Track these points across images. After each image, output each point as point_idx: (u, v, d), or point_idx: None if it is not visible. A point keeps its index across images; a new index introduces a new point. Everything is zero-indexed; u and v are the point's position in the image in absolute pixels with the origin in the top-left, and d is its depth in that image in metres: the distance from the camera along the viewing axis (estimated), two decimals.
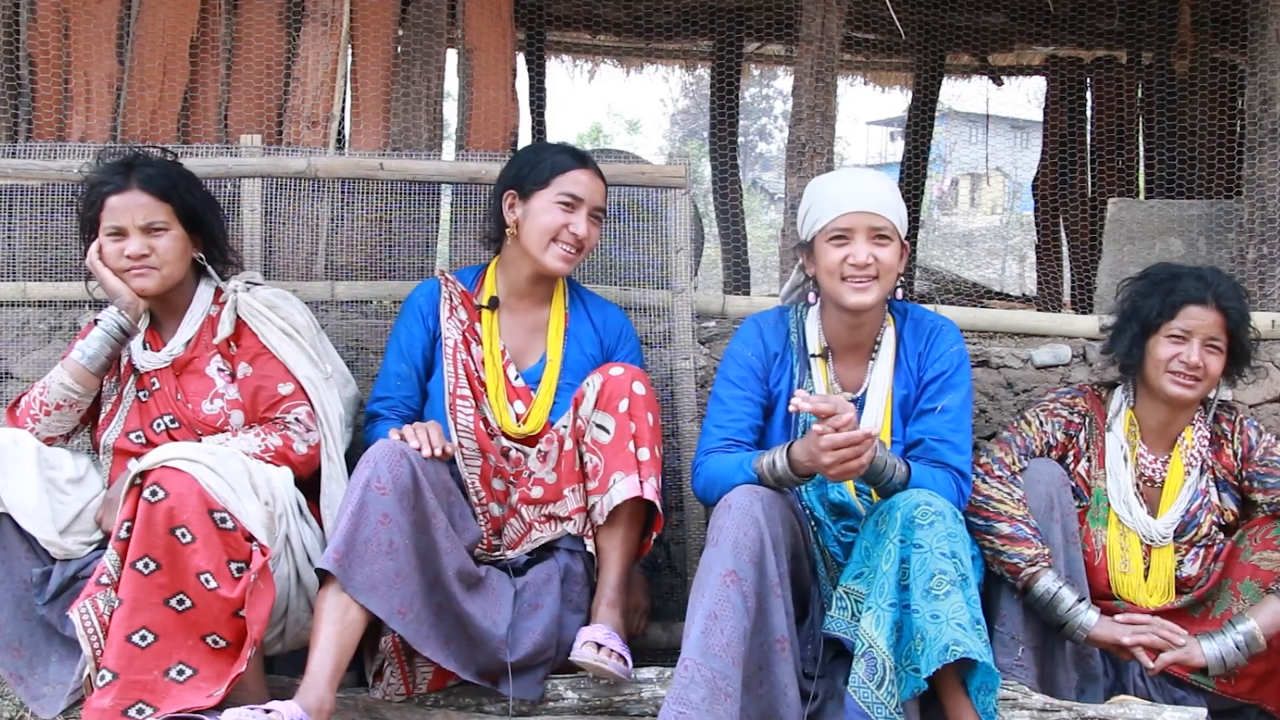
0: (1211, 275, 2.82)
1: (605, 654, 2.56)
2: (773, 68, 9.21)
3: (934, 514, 2.43)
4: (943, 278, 8.37)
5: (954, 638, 2.32)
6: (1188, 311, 2.76)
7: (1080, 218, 6.19)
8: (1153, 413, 2.86)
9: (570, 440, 2.75)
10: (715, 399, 2.78)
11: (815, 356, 2.76)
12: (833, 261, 2.64)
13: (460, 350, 2.89)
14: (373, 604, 2.43)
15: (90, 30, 3.58)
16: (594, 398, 2.69)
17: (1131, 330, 2.82)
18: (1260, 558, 2.76)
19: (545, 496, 2.77)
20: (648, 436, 2.67)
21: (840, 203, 2.64)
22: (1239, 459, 2.86)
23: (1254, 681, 2.73)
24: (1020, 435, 2.84)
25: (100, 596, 2.37)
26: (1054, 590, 2.62)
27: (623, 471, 2.63)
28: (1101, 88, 6.24)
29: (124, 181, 2.74)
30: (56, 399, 2.71)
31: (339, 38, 3.67)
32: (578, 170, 2.90)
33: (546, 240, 2.87)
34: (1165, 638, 2.64)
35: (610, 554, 2.71)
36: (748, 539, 2.40)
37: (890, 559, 2.42)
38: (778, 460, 2.52)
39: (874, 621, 2.40)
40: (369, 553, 2.44)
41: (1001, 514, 2.67)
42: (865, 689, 2.38)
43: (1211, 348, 2.77)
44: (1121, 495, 2.82)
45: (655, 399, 2.75)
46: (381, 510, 2.46)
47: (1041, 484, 2.72)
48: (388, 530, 2.46)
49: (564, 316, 3.01)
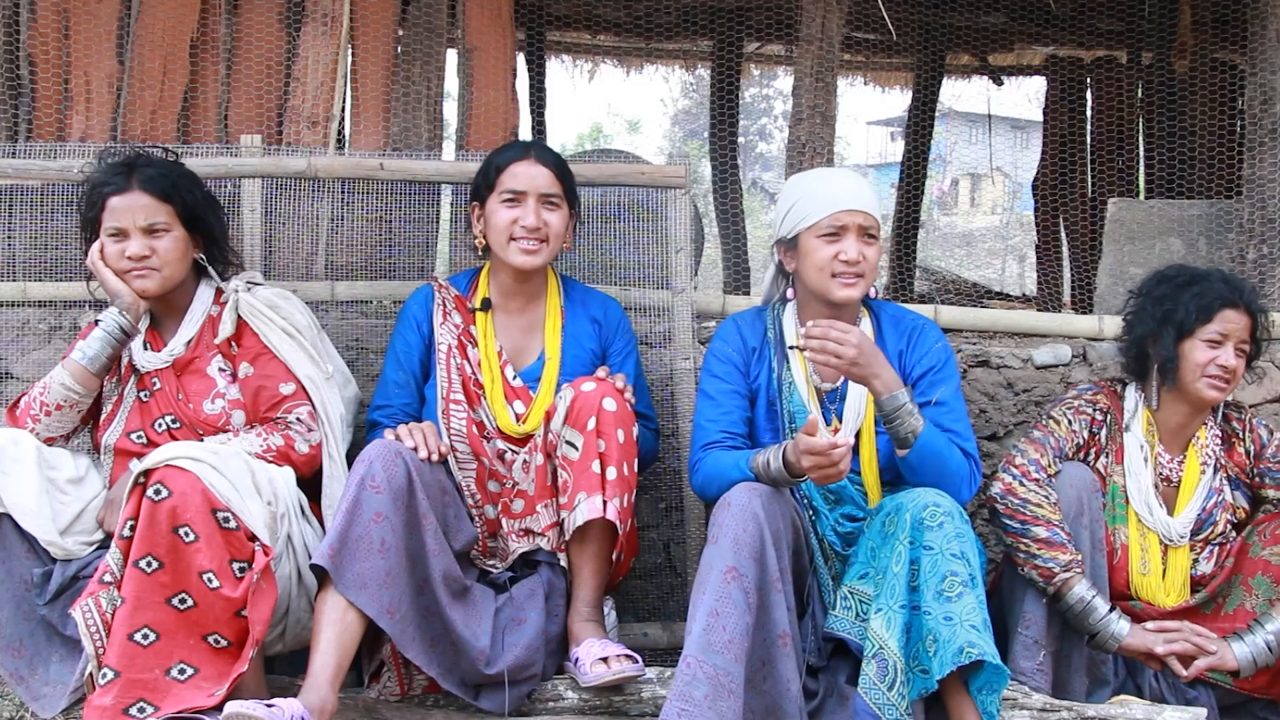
0: (1232, 277, 2.86)
1: (616, 663, 2.56)
2: (773, 68, 9.20)
3: (943, 514, 2.45)
4: (943, 278, 8.36)
5: (969, 639, 2.33)
6: (1224, 315, 2.77)
7: (1080, 218, 6.19)
8: (1173, 414, 2.87)
9: (541, 455, 2.74)
10: (703, 395, 2.80)
11: (793, 348, 2.78)
12: (824, 258, 2.67)
13: (454, 355, 2.90)
14: (361, 601, 2.43)
15: (90, 30, 3.58)
16: (564, 412, 2.67)
17: (1167, 335, 2.80)
18: (1271, 553, 2.78)
19: (523, 510, 2.77)
20: (616, 454, 2.64)
21: (834, 200, 2.68)
22: (1251, 456, 2.89)
23: (1270, 675, 2.73)
24: (1053, 436, 2.83)
25: (103, 595, 2.37)
26: (1088, 599, 2.63)
27: (586, 492, 2.61)
28: (1101, 88, 6.24)
29: (125, 182, 2.74)
30: (57, 399, 2.71)
31: (339, 38, 3.67)
32: (516, 163, 2.89)
33: (505, 240, 2.87)
34: (1197, 644, 2.66)
35: (582, 570, 2.72)
36: (748, 535, 2.41)
37: (900, 560, 2.43)
38: (772, 460, 2.53)
39: (885, 623, 2.41)
40: (361, 550, 2.44)
41: (1039, 518, 2.67)
42: (876, 690, 2.39)
43: (1241, 350, 2.80)
44: (1142, 496, 2.83)
45: (629, 413, 2.71)
46: (375, 508, 2.47)
47: (1073, 488, 2.73)
48: (380, 529, 2.46)
49: (560, 313, 3.01)
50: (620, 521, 2.63)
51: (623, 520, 2.64)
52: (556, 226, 2.90)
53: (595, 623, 2.71)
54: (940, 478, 2.57)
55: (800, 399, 2.76)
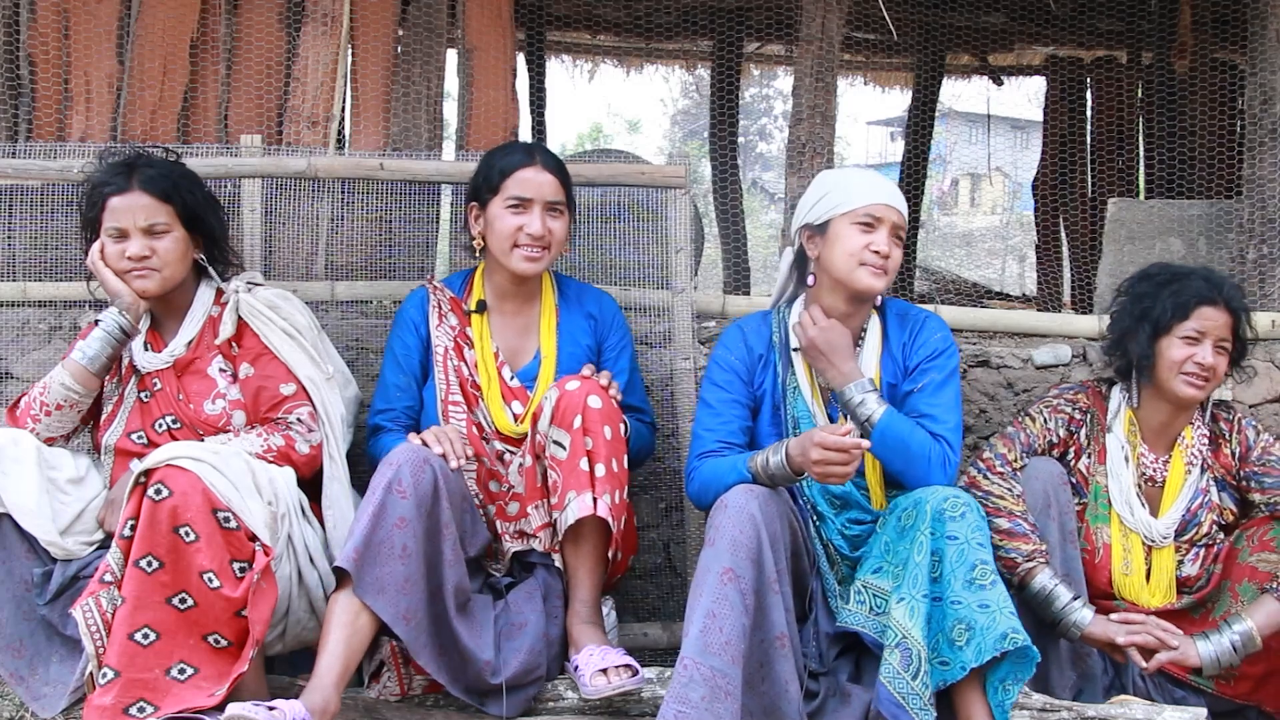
0: (1214, 275, 2.82)
1: (616, 674, 2.55)
2: (773, 68, 9.21)
3: (964, 505, 2.47)
4: (943, 278, 8.37)
5: (1011, 625, 2.35)
6: (1201, 312, 2.76)
7: (1080, 218, 6.19)
8: (1155, 413, 2.86)
9: (530, 456, 2.74)
10: (703, 404, 2.79)
11: (797, 351, 2.78)
12: (856, 245, 2.67)
13: (451, 357, 2.89)
14: (379, 606, 2.42)
15: (90, 30, 3.58)
16: (550, 412, 2.66)
17: (1143, 332, 2.80)
18: (1258, 559, 2.76)
19: (517, 513, 2.77)
20: (604, 451, 2.62)
21: (874, 192, 2.70)
22: (1237, 458, 2.86)
23: (1253, 683, 2.73)
24: (1024, 432, 2.84)
25: (103, 594, 2.37)
26: (1050, 587, 2.62)
27: (575, 490, 2.60)
28: (1101, 88, 6.24)
29: (126, 182, 2.74)
30: (57, 399, 2.72)
31: (339, 38, 3.67)
32: (523, 169, 2.87)
33: (508, 246, 2.86)
34: (1159, 638, 2.62)
35: (577, 570, 2.70)
36: (745, 537, 2.41)
37: (922, 550, 2.44)
38: (771, 456, 2.53)
39: (908, 612, 2.41)
40: (382, 554, 2.44)
41: (1001, 509, 2.67)
42: (900, 679, 2.39)
43: (1220, 348, 2.77)
44: (1124, 496, 2.82)
45: (615, 410, 2.69)
46: (399, 514, 2.46)
47: (1039, 481, 2.73)
48: (403, 534, 2.46)
49: (554, 312, 3.00)
50: (612, 518, 2.62)
51: (615, 516, 2.62)
52: (559, 234, 2.90)
53: (594, 625, 2.69)
54: (907, 462, 2.60)
55: (805, 403, 2.76)
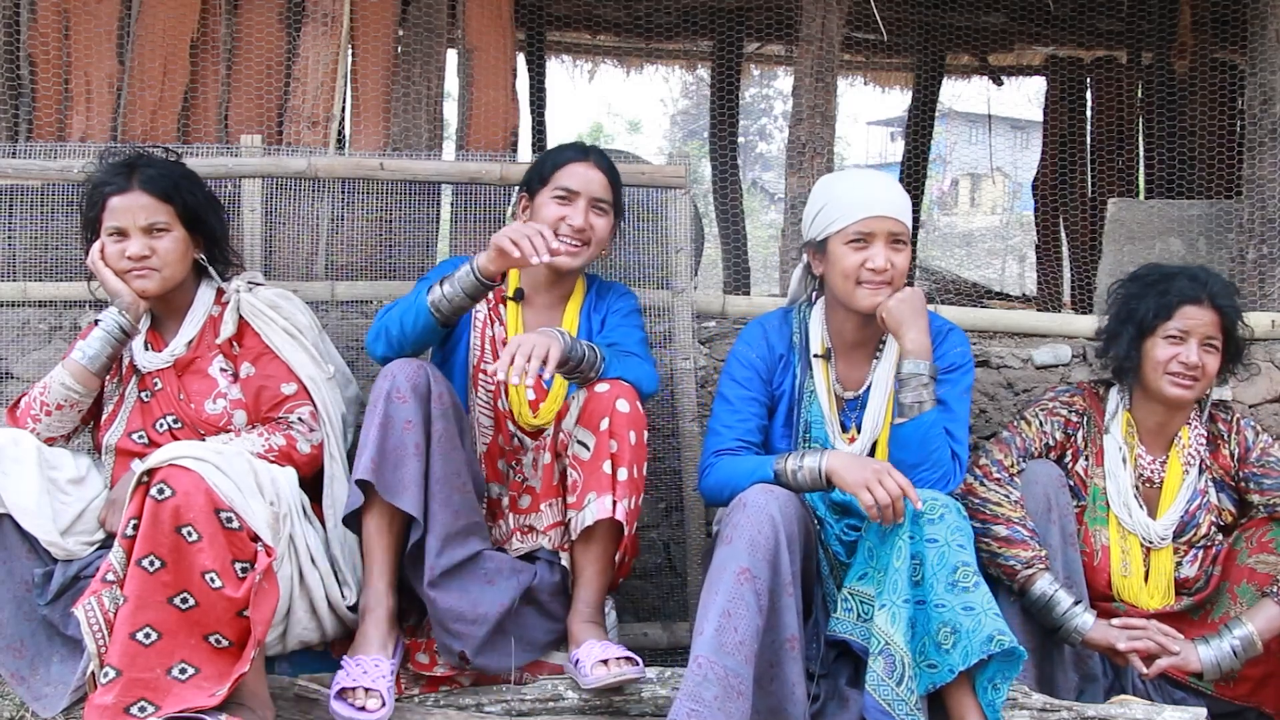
0: (1204, 274, 2.81)
1: (616, 665, 2.56)
2: (773, 68, 9.21)
3: (941, 507, 2.45)
4: (943, 278, 8.37)
5: (997, 627, 2.33)
6: (1184, 311, 2.75)
7: (1080, 218, 6.20)
8: (1149, 414, 2.86)
9: (550, 454, 2.75)
10: (722, 399, 2.78)
11: (817, 357, 2.77)
12: (850, 265, 2.64)
13: (489, 326, 2.92)
14: (404, 503, 2.54)
15: (90, 30, 3.58)
16: (577, 412, 2.67)
17: (1128, 333, 2.80)
18: (1257, 561, 2.76)
19: (529, 507, 2.78)
20: (628, 456, 2.62)
21: (862, 206, 2.64)
22: (1235, 459, 2.86)
23: (1252, 685, 2.73)
24: (1020, 436, 2.83)
25: (105, 594, 2.37)
26: (1050, 593, 2.62)
27: (596, 492, 2.61)
28: (1101, 88, 6.25)
29: (126, 182, 2.74)
30: (57, 399, 2.72)
31: (339, 38, 3.67)
32: (575, 163, 2.91)
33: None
34: (1160, 643, 2.63)
35: (586, 570, 2.70)
36: (763, 537, 2.39)
37: (901, 556, 2.43)
38: (805, 466, 2.53)
39: (889, 618, 2.40)
40: (398, 457, 2.56)
41: (999, 516, 2.67)
42: (885, 686, 2.38)
43: (1209, 347, 2.76)
44: (1121, 498, 2.82)
45: (641, 415, 2.68)
46: (405, 417, 2.57)
47: (1039, 485, 2.72)
48: (412, 434, 2.57)
49: (579, 313, 2.99)
50: (628, 524, 2.63)
51: (629, 522, 2.64)
52: (601, 232, 2.91)
53: (596, 624, 2.70)
54: (920, 459, 2.57)
55: (819, 407, 2.75)
